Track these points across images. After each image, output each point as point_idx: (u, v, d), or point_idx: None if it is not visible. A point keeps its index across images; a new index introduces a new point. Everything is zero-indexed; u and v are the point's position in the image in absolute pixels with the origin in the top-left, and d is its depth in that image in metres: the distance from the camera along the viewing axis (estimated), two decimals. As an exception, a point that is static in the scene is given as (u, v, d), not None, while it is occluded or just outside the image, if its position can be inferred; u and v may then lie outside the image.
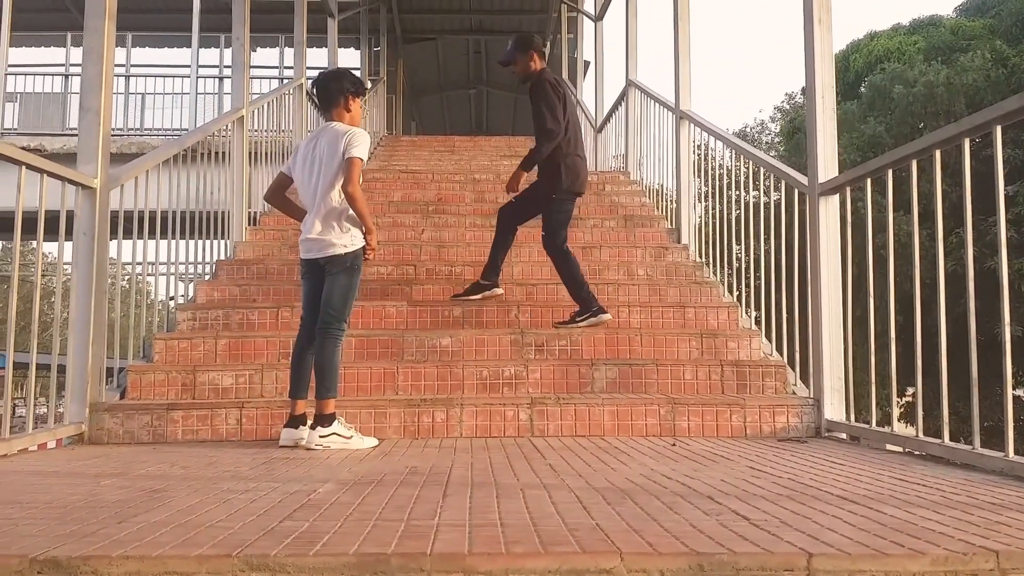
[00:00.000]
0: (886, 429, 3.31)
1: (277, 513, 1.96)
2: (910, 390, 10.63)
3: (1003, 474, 2.53)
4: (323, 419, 3.36)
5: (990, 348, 4.16)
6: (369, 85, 3.74)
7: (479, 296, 4.94)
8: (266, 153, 6.92)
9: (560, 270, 4.78)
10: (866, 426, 3.44)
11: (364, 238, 3.53)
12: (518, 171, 4.92)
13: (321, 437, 3.32)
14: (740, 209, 5.20)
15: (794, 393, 4.15)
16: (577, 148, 4.87)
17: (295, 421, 3.44)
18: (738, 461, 2.91)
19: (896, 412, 3.36)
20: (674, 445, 3.39)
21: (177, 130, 14.56)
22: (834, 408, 3.73)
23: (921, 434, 3.05)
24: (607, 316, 4.67)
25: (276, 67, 16.73)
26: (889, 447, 3.31)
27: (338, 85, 3.59)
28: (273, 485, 2.41)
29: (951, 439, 2.90)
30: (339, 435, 3.36)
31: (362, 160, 3.46)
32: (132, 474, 2.69)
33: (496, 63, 6.04)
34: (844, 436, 3.65)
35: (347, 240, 3.48)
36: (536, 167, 4.88)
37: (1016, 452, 2.57)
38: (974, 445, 2.72)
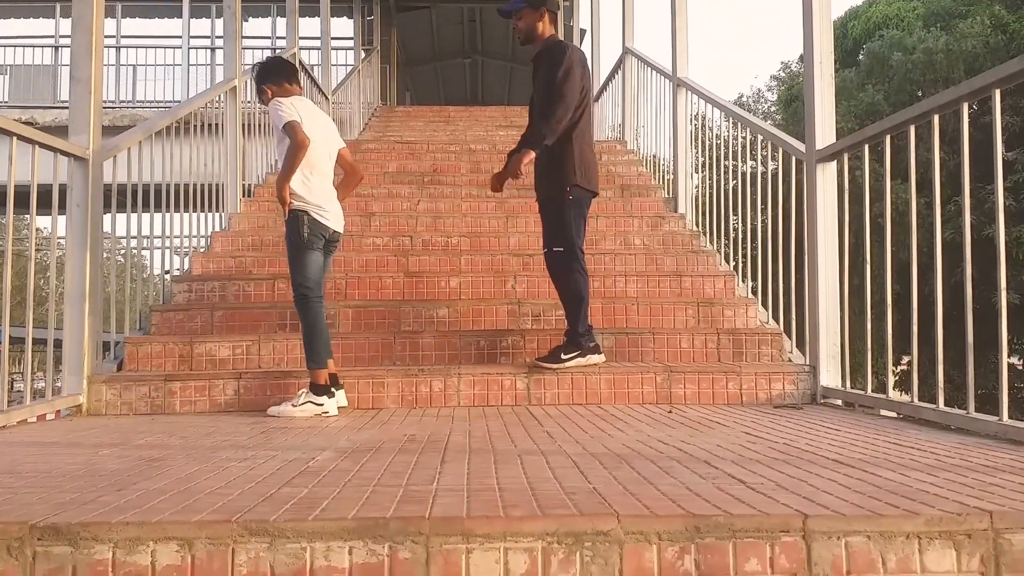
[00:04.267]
0: (881, 395, 3.33)
1: (276, 480, 1.97)
2: (905, 358, 10.68)
3: (997, 438, 2.55)
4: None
5: (986, 316, 4.17)
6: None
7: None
8: (259, 124, 6.86)
9: (561, 289, 3.85)
10: (861, 392, 3.46)
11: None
12: (522, 152, 3.74)
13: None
14: (737, 178, 5.18)
15: (790, 360, 4.17)
16: (591, 140, 3.97)
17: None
18: (734, 427, 2.92)
19: (891, 380, 3.38)
20: (670, 412, 3.41)
21: (169, 101, 14.43)
22: (830, 375, 3.74)
23: (916, 400, 3.07)
24: (600, 357, 3.85)
25: (268, 37, 16.54)
26: (884, 413, 3.32)
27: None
28: (271, 453, 2.42)
29: (945, 405, 2.91)
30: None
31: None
32: (131, 444, 2.70)
33: (491, 37, 5.43)
34: (839, 402, 3.67)
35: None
36: (539, 154, 3.77)
37: (1010, 416, 2.58)
38: (968, 410, 2.74)
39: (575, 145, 3.80)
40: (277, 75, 3.76)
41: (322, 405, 3.48)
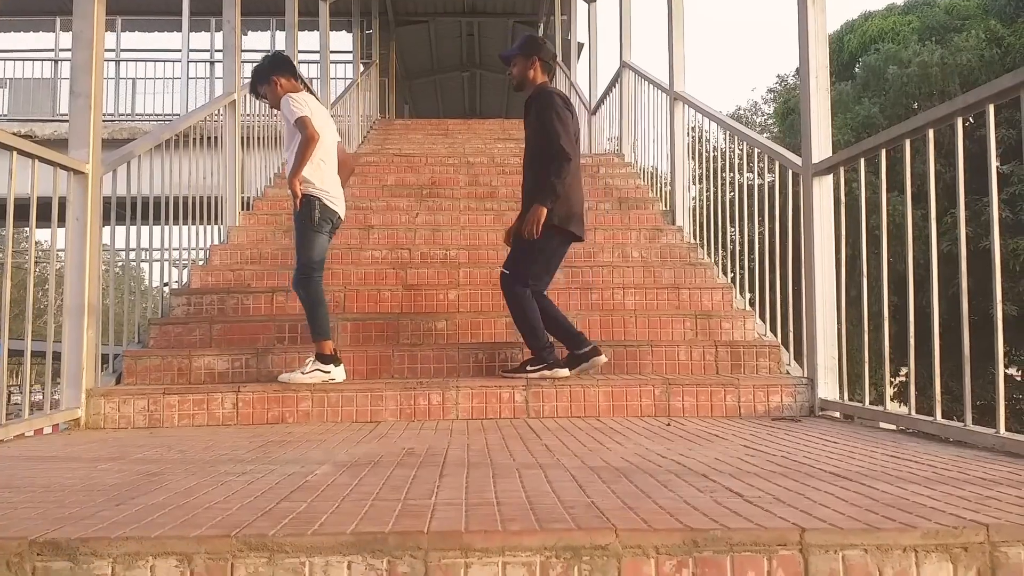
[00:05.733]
0: (879, 408, 3.33)
1: (274, 494, 1.97)
2: (903, 370, 10.68)
3: (994, 450, 2.56)
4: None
5: (983, 327, 4.18)
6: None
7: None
8: (258, 137, 6.89)
9: (512, 310, 3.95)
10: (859, 405, 3.46)
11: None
12: (535, 209, 3.80)
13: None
14: (734, 191, 5.20)
15: (788, 373, 4.18)
16: (579, 183, 4.02)
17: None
18: (732, 440, 2.93)
19: (889, 391, 3.38)
20: (668, 425, 3.42)
21: (168, 115, 14.48)
22: (828, 387, 3.75)
23: (914, 412, 3.07)
24: (564, 372, 3.90)
25: (267, 51, 16.59)
26: (882, 425, 3.33)
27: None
28: (270, 467, 2.42)
29: (943, 417, 2.92)
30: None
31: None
32: (129, 458, 2.70)
33: (489, 51, 5.61)
34: (837, 415, 3.67)
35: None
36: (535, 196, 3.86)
37: (1007, 428, 2.59)
38: (966, 422, 2.74)
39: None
40: (287, 69, 4.11)
41: (329, 372, 3.85)
